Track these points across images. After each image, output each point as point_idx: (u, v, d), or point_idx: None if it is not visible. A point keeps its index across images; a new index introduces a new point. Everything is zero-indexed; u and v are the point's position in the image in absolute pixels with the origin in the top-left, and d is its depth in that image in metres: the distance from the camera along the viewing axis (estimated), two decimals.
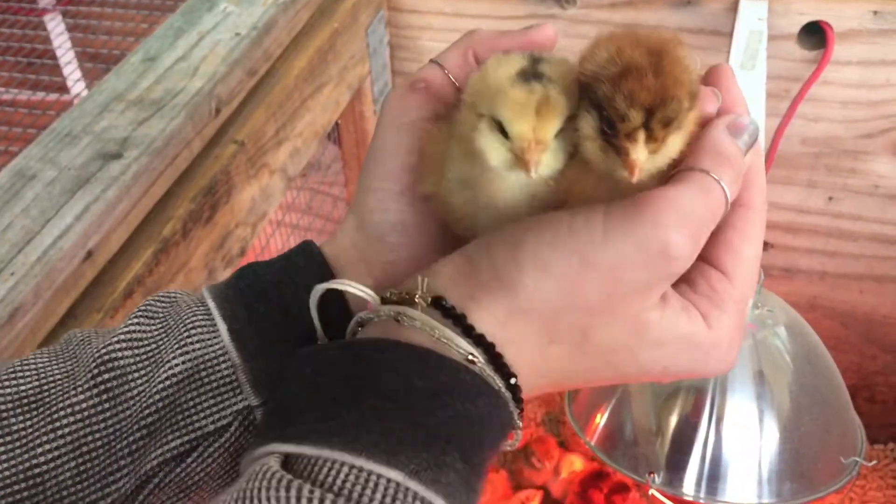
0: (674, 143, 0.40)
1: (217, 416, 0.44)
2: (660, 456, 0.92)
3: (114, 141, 0.77)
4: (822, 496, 0.92)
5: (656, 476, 0.91)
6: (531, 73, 0.40)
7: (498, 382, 0.39)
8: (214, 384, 0.44)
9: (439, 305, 0.40)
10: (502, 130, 0.40)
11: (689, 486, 0.90)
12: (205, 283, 0.78)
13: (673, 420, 0.92)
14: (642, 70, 0.38)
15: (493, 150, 0.41)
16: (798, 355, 0.93)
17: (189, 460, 0.44)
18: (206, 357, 0.45)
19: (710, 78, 0.45)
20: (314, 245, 0.50)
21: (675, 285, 0.42)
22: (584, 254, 0.38)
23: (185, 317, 0.46)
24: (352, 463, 0.33)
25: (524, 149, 0.39)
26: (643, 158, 0.38)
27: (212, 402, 0.44)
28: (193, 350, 0.45)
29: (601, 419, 0.98)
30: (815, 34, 1.09)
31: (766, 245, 1.28)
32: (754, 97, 0.93)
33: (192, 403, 0.44)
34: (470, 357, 0.38)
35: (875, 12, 1.06)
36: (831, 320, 1.32)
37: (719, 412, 0.90)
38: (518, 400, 0.40)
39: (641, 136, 0.38)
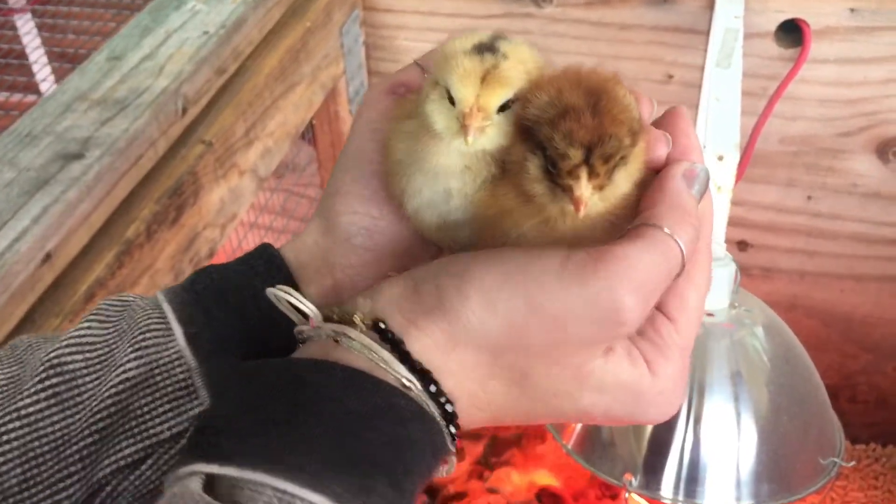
0: (621, 180, 0.40)
1: (173, 421, 0.43)
2: (637, 458, 0.90)
3: (75, 141, 0.75)
4: (800, 497, 0.91)
5: (633, 479, 0.89)
6: (486, 47, 0.41)
7: (433, 409, 0.38)
8: (169, 388, 0.43)
9: (378, 329, 0.39)
10: (451, 99, 0.40)
11: (666, 489, 0.89)
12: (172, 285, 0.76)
13: None
14: (580, 110, 0.39)
15: (439, 115, 0.41)
16: (776, 355, 0.92)
17: (143, 468, 0.42)
18: (161, 361, 0.43)
19: (666, 120, 0.45)
20: (273, 248, 0.49)
21: None
22: (533, 298, 0.38)
23: (140, 320, 0.44)
24: (274, 485, 0.32)
25: (465, 114, 0.39)
26: (587, 194, 0.39)
27: (167, 406, 0.43)
28: (147, 353, 0.43)
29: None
30: (793, 32, 1.09)
31: (745, 245, 1.28)
32: (730, 95, 0.92)
33: (146, 409, 0.43)
34: (405, 382, 0.38)
35: (852, 10, 1.05)
36: (812, 320, 1.31)
37: (697, 413, 0.89)
38: (454, 427, 0.39)
39: (584, 172, 0.39)
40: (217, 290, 0.46)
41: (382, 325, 0.39)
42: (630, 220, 0.41)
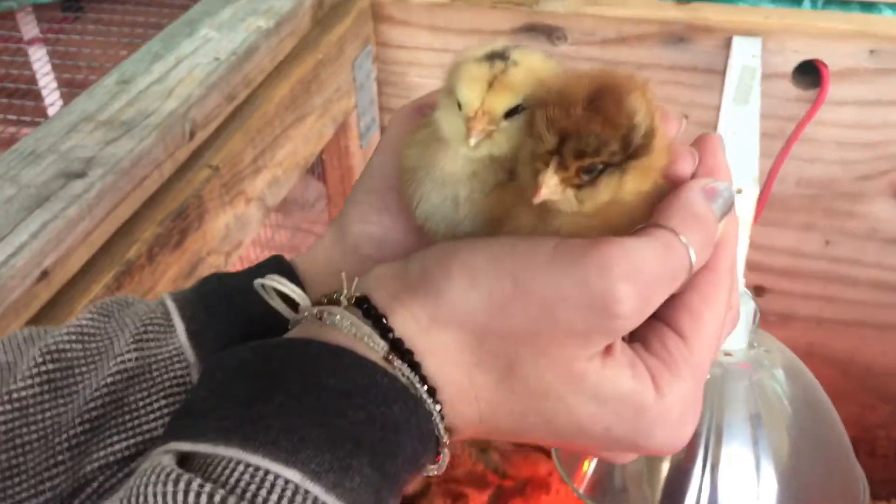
0: (607, 189, 0.38)
1: (167, 418, 0.41)
2: None
3: (79, 160, 0.73)
4: None
5: None
6: (498, 55, 0.40)
7: (420, 391, 0.36)
8: (167, 384, 0.42)
9: (361, 305, 0.38)
10: (458, 106, 0.40)
11: None
12: None
13: (665, 466, 0.87)
14: (573, 101, 0.37)
15: (447, 121, 0.41)
16: (796, 399, 0.88)
17: (133, 465, 0.40)
18: (161, 356, 0.42)
19: (697, 142, 0.43)
20: (284, 259, 0.48)
21: (626, 343, 0.39)
22: (519, 277, 0.36)
23: (143, 315, 0.44)
24: (247, 461, 0.31)
25: (469, 117, 0.39)
26: (551, 183, 0.37)
27: (162, 402, 0.41)
28: (148, 347, 0.42)
29: (589, 466, 0.93)
30: (810, 73, 1.07)
31: (762, 290, 1.25)
32: (748, 130, 0.91)
33: (141, 403, 0.41)
34: (387, 355, 0.36)
35: (871, 51, 1.04)
36: (830, 369, 1.27)
37: (714, 458, 0.85)
38: (442, 415, 0.37)
39: (553, 161, 0.37)
40: (223, 293, 0.45)
41: (367, 303, 0.38)
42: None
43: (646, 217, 0.39)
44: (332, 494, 0.31)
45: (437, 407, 0.37)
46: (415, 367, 0.37)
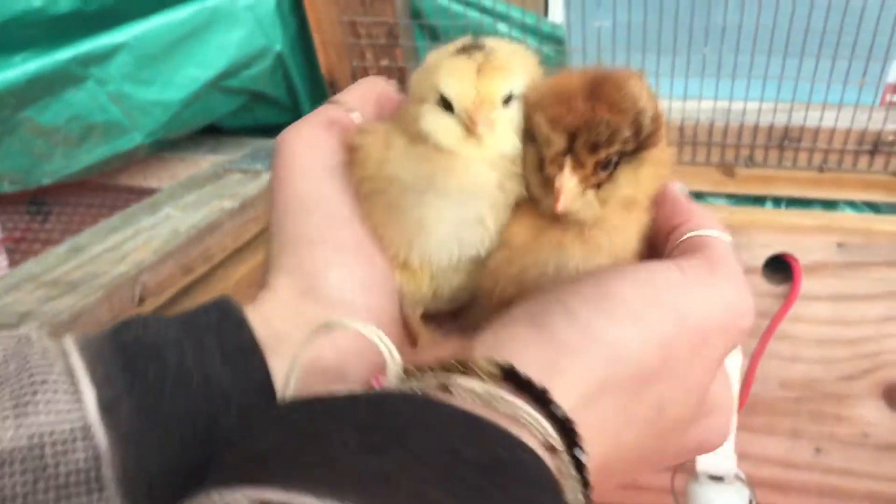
0: (626, 181, 0.36)
1: None
2: None
3: (14, 314, 0.68)
4: None
5: None
6: (472, 47, 0.37)
7: (577, 480, 0.29)
8: (62, 479, 0.30)
9: (513, 376, 0.29)
10: (448, 107, 0.36)
11: None
12: None
13: None
14: (573, 95, 0.35)
15: (441, 128, 0.36)
16: None
17: None
18: (57, 436, 0.30)
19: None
20: (234, 302, 0.38)
21: None
22: (679, 308, 0.33)
23: (36, 368, 0.32)
24: None
25: (469, 111, 0.35)
26: (570, 185, 0.34)
27: None
28: (38, 422, 0.30)
29: None
30: (781, 268, 1.06)
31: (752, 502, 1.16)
32: None
33: (20, 502, 0.29)
34: (549, 442, 0.28)
35: (839, 244, 1.04)
36: None
37: None
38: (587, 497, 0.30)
39: (568, 162, 0.34)
40: (150, 344, 0.34)
41: (519, 373, 0.30)
42: (643, 252, 0.37)
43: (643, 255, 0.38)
44: None
45: (586, 493, 0.30)
46: (576, 452, 0.30)
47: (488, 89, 0.35)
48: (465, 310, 0.42)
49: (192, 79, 1.04)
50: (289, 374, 0.33)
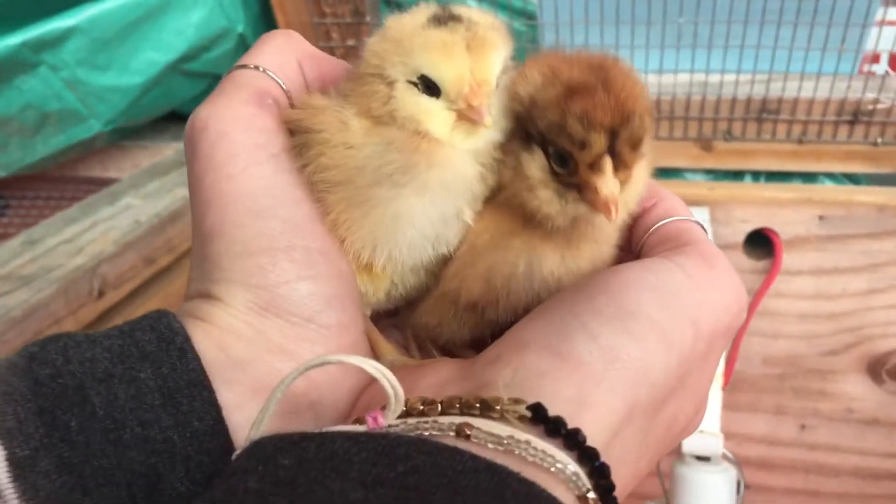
0: (640, 174, 0.32)
1: None
2: None
3: None
4: None
5: None
6: (446, 17, 0.32)
7: None
8: None
9: (541, 416, 0.26)
10: (431, 89, 0.31)
11: None
12: None
13: None
14: (591, 86, 0.30)
15: (425, 114, 0.31)
16: None
17: None
18: None
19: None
20: (173, 319, 0.32)
21: None
22: (693, 317, 0.31)
23: None
24: None
25: (467, 94, 0.30)
26: (617, 191, 0.30)
27: None
28: None
29: None
30: (762, 243, 1.04)
31: (737, 486, 1.14)
32: None
33: None
34: (584, 493, 0.26)
35: (821, 217, 1.02)
36: None
37: None
38: None
39: (608, 163, 0.30)
40: (73, 385, 0.28)
41: (547, 413, 0.27)
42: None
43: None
44: None
45: None
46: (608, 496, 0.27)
47: (483, 71, 0.31)
48: (406, 308, 0.39)
49: (151, 63, 1.00)
50: (260, 417, 0.28)
